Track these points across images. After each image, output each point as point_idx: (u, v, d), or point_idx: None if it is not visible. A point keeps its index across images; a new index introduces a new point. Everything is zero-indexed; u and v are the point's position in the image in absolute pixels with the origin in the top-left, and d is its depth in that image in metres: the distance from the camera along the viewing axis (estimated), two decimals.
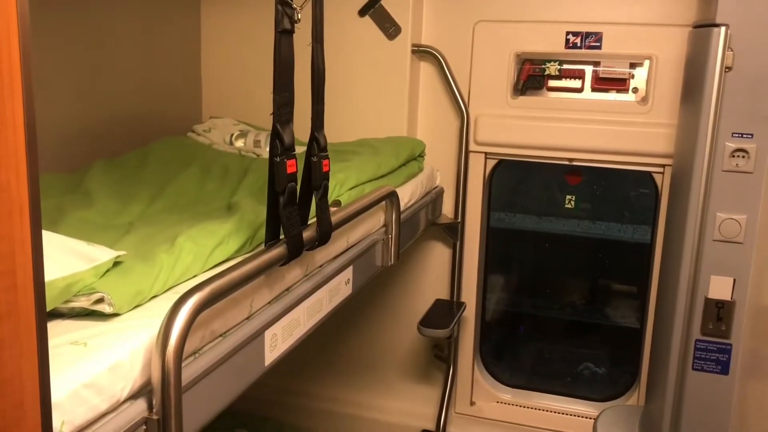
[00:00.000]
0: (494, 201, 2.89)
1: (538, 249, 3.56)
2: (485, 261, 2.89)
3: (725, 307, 1.99)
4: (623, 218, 3.29)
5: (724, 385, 2.03)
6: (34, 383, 0.79)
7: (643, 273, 2.70)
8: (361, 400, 3.03)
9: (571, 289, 3.52)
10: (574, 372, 3.23)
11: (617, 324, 3.30)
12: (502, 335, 3.37)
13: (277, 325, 1.42)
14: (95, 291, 1.12)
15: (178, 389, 1.03)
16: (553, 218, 3.41)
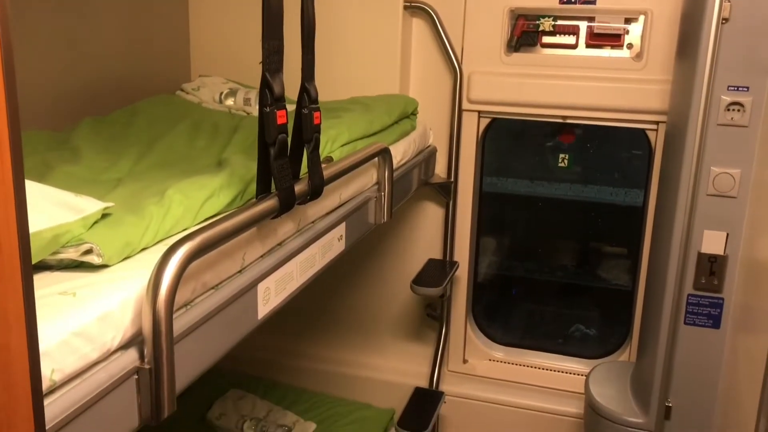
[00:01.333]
0: (487, 166, 2.87)
1: (531, 213, 3.56)
2: (478, 221, 2.88)
3: (718, 262, 2.00)
4: (615, 181, 3.29)
5: (715, 339, 2.04)
6: (21, 329, 0.77)
7: (635, 235, 2.70)
8: (354, 359, 3.04)
9: (563, 252, 3.53)
10: (565, 333, 3.25)
11: (609, 286, 3.32)
12: (494, 298, 3.39)
13: (270, 279, 1.41)
14: (84, 242, 1.10)
15: (169, 339, 1.02)
16: (546, 182, 3.40)
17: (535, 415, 2.77)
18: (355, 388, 2.98)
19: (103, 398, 0.96)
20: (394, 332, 3.00)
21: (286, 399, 2.87)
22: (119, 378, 0.99)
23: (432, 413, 2.57)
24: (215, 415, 2.70)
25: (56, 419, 0.87)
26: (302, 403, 2.84)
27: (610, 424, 2.21)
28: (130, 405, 1.01)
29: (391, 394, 2.89)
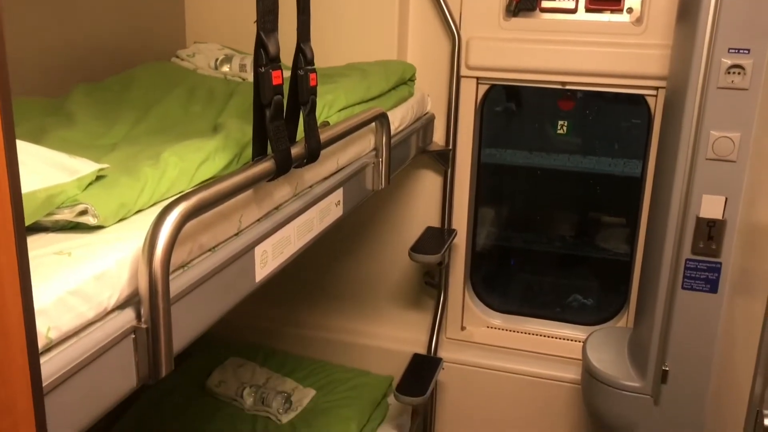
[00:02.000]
0: (485, 137, 2.86)
1: (529, 184, 3.55)
2: (476, 192, 2.87)
3: (716, 226, 1.99)
4: (614, 152, 3.28)
5: (712, 303, 2.05)
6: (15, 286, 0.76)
7: (633, 206, 2.70)
8: (353, 327, 3.05)
9: (561, 223, 3.53)
10: (563, 303, 3.26)
11: (607, 257, 3.32)
12: (492, 268, 3.39)
13: (267, 242, 1.41)
14: (78, 203, 1.10)
15: (166, 298, 1.02)
16: (544, 153, 3.39)
17: (533, 381, 2.79)
18: (353, 355, 2.99)
19: (100, 357, 0.96)
20: (392, 300, 3.01)
21: (285, 366, 2.88)
22: (116, 337, 0.98)
23: (430, 379, 2.59)
24: (215, 383, 2.72)
25: (53, 376, 0.87)
26: (301, 371, 2.86)
27: (607, 389, 2.23)
28: (127, 364, 1.02)
29: (389, 361, 2.90)
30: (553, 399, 2.77)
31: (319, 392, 2.72)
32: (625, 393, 2.19)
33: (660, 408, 2.16)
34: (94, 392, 0.96)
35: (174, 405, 2.61)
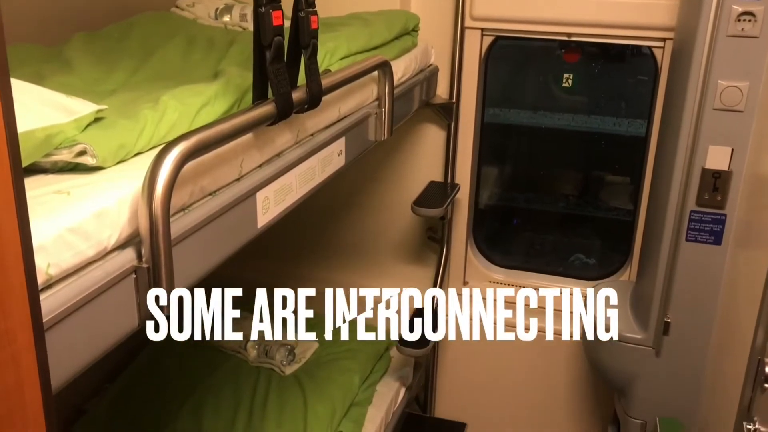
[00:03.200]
0: (489, 97, 2.82)
1: (533, 144, 3.52)
2: (479, 147, 2.85)
3: (722, 177, 1.97)
4: (619, 112, 3.23)
5: (716, 255, 2.04)
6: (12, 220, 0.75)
7: (637, 165, 2.68)
8: (355, 281, 3.04)
9: (564, 183, 3.51)
10: (565, 263, 3.25)
11: (610, 217, 3.31)
12: (495, 228, 3.38)
13: (269, 189, 1.40)
14: (77, 143, 1.08)
15: (167, 238, 1.01)
16: (548, 113, 3.35)
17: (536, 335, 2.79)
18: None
19: (101, 295, 0.95)
20: (395, 255, 3.01)
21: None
22: (117, 276, 0.98)
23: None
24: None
25: (53, 312, 0.87)
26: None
27: (609, 341, 2.23)
28: (129, 304, 1.01)
29: None
30: (556, 352, 2.79)
31: (323, 344, 2.74)
32: (627, 345, 2.20)
33: (661, 360, 2.17)
34: (95, 331, 0.96)
35: (177, 357, 2.63)
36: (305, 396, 2.40)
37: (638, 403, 2.23)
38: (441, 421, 2.88)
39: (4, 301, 0.72)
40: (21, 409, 0.71)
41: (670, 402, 2.18)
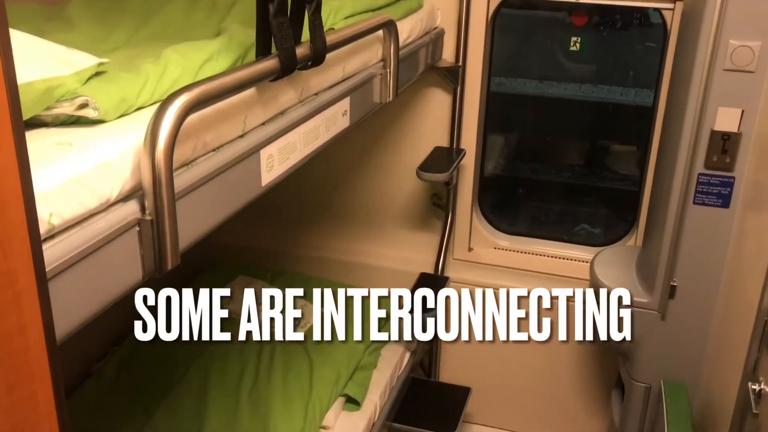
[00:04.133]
0: (495, 66, 2.79)
1: (539, 114, 3.49)
2: (485, 112, 2.82)
3: (731, 139, 1.95)
4: (626, 81, 3.20)
5: (723, 218, 2.02)
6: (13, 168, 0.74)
7: (644, 135, 2.65)
8: (361, 248, 3.06)
9: (571, 153, 3.48)
10: (570, 233, 3.23)
11: (615, 187, 3.29)
12: (500, 198, 3.36)
13: (273, 146, 1.39)
14: (78, 95, 1.07)
15: (170, 190, 1.00)
16: (554, 82, 3.31)
17: None
18: (361, 276, 3.00)
19: (105, 246, 0.95)
20: (400, 221, 3.00)
21: (294, 285, 2.89)
22: (120, 228, 0.97)
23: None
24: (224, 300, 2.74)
25: (56, 262, 0.87)
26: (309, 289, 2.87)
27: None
28: (133, 256, 1.01)
29: (396, 281, 2.90)
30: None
31: None
32: (632, 308, 2.19)
33: (666, 323, 2.16)
34: (99, 282, 0.96)
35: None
36: (310, 359, 2.41)
37: (643, 366, 2.23)
38: (445, 385, 2.89)
39: (6, 243, 0.71)
40: (24, 353, 0.71)
41: (674, 365, 2.18)
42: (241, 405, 2.23)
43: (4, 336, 0.68)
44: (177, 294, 1.97)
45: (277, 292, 2.81)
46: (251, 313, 2.44)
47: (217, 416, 2.18)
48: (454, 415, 2.66)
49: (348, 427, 2.25)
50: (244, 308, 2.40)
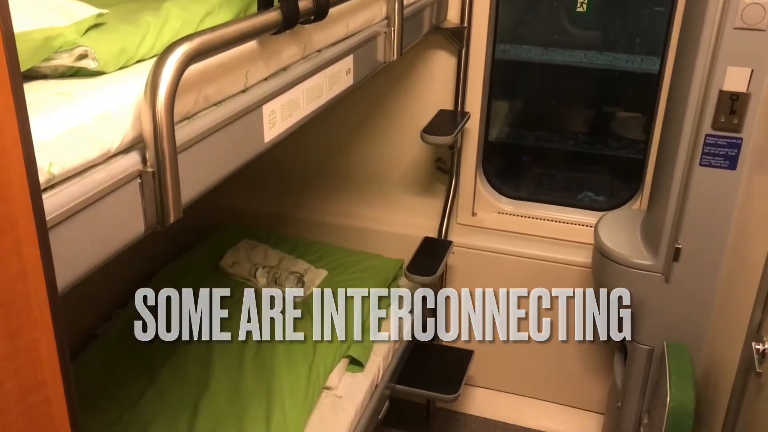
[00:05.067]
0: (500, 33, 2.74)
1: (543, 81, 3.44)
2: (491, 71, 2.79)
3: (739, 100, 1.92)
4: (632, 48, 3.15)
5: (730, 179, 2.01)
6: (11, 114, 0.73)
7: (650, 102, 2.62)
8: (364, 213, 3.05)
9: (575, 121, 3.45)
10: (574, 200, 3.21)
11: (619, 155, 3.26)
12: (504, 166, 3.33)
13: (276, 102, 1.37)
14: (78, 45, 1.05)
15: (171, 142, 0.99)
16: (560, 49, 3.26)
17: (543, 264, 2.79)
18: (364, 240, 3.00)
19: (106, 197, 0.94)
20: (403, 186, 2.99)
21: (297, 249, 2.90)
22: (121, 179, 0.96)
23: (440, 260, 2.61)
24: (228, 264, 2.75)
25: (57, 211, 0.86)
26: (313, 253, 2.88)
27: (619, 267, 2.23)
28: (134, 209, 1.00)
29: (400, 245, 2.91)
30: (563, 281, 2.78)
31: (331, 273, 2.75)
32: (637, 271, 2.19)
33: (671, 286, 2.16)
34: (101, 233, 0.95)
35: (188, 284, 2.64)
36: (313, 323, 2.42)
37: (646, 328, 2.24)
38: (448, 348, 2.90)
39: (4, 188, 0.70)
40: (25, 299, 0.70)
41: (678, 327, 2.19)
42: (245, 366, 2.24)
43: (5, 281, 0.68)
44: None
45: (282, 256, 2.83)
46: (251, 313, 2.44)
47: (221, 377, 2.20)
48: (456, 377, 2.68)
49: (352, 388, 2.26)
50: (244, 309, 2.41)
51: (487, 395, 3.04)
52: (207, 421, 2.04)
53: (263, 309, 2.51)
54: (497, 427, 2.94)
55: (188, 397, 2.13)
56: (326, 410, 2.16)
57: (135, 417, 2.06)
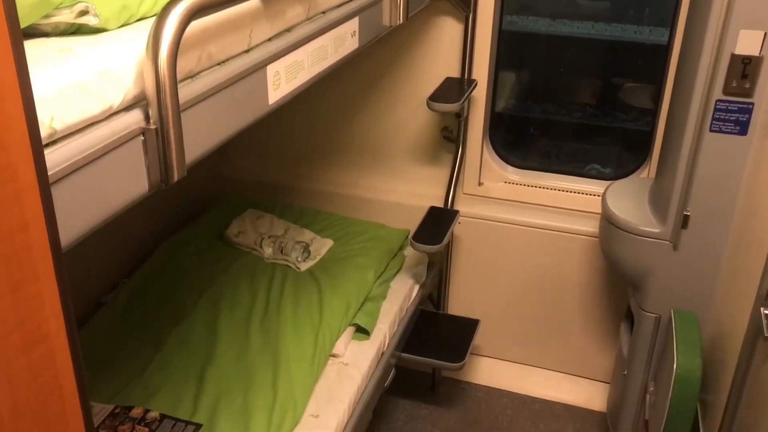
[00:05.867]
0: (506, 5, 2.70)
1: (551, 53, 3.39)
2: (498, 38, 2.75)
3: (752, 63, 1.89)
4: (640, 19, 3.09)
5: (740, 146, 1.98)
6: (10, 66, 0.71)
7: (658, 73, 2.59)
8: (369, 183, 3.04)
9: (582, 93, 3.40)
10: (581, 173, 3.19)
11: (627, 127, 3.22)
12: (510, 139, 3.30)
13: (280, 63, 1.35)
14: (78, 2, 1.03)
15: (174, 99, 0.98)
16: (567, 21, 3.21)
17: (549, 233, 2.78)
18: (370, 210, 2.99)
19: (109, 153, 0.93)
20: (409, 156, 2.97)
21: (303, 219, 2.90)
22: (124, 136, 0.95)
23: (447, 229, 2.59)
24: (234, 233, 2.74)
25: (59, 166, 0.85)
26: (318, 223, 2.87)
27: (626, 235, 2.21)
28: (138, 167, 0.99)
29: (405, 215, 2.90)
30: (570, 250, 2.78)
31: (337, 243, 2.75)
32: (644, 239, 2.18)
33: (678, 254, 2.14)
34: (105, 191, 0.94)
35: (193, 253, 2.65)
36: (320, 290, 2.42)
37: (653, 296, 2.23)
38: (454, 317, 2.91)
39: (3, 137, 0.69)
40: (27, 251, 0.69)
41: (685, 295, 2.17)
42: (251, 333, 2.25)
43: (6, 233, 0.67)
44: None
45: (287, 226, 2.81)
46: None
47: (227, 345, 2.20)
48: (462, 346, 2.68)
49: (358, 355, 2.27)
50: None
51: (493, 364, 3.05)
52: (213, 388, 2.05)
53: (269, 278, 2.52)
54: (503, 396, 2.95)
55: (194, 365, 2.13)
56: (333, 378, 2.16)
57: (141, 385, 2.07)
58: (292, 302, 2.37)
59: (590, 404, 2.90)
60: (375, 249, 2.69)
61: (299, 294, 2.41)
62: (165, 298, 2.41)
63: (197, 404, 1.99)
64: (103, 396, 2.02)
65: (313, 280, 2.50)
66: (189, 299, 2.39)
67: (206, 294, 2.41)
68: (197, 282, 2.48)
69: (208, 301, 2.38)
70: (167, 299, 2.41)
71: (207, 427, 1.91)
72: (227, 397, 2.02)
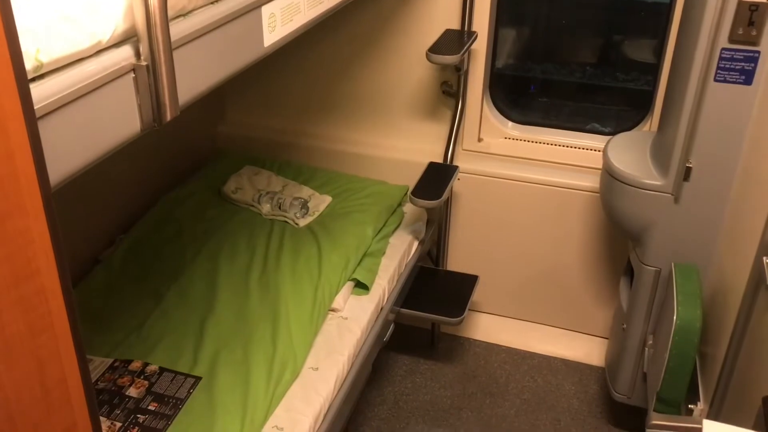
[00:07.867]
0: None
1: (551, 12, 3.32)
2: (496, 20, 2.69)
3: (759, 10, 1.84)
4: None
5: (745, 95, 1.95)
6: None
7: (659, 31, 2.54)
8: (368, 139, 3.00)
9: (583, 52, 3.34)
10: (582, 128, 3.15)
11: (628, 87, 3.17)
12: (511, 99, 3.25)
13: (275, 4, 1.31)
14: None
15: (166, 34, 0.94)
16: None
17: (549, 189, 2.76)
18: (368, 167, 2.96)
19: (98, 89, 0.90)
20: (408, 111, 2.93)
21: (301, 176, 2.87)
22: (114, 71, 0.92)
23: (446, 185, 2.57)
24: (231, 189, 2.72)
25: (46, 101, 0.82)
26: (317, 179, 2.85)
27: (627, 188, 2.19)
28: (129, 105, 0.96)
29: (405, 172, 2.87)
30: (570, 206, 2.76)
31: (336, 199, 2.72)
32: (646, 192, 2.16)
33: (680, 206, 2.13)
34: (95, 128, 0.91)
35: (191, 209, 2.62)
36: (319, 245, 2.41)
37: (654, 250, 2.21)
38: (453, 273, 2.90)
39: None
40: (13, 181, 0.67)
41: (686, 248, 2.16)
42: (251, 288, 2.24)
43: None
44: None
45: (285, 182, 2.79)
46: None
47: (227, 299, 2.20)
48: (461, 302, 2.68)
49: (357, 310, 2.26)
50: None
51: (492, 320, 3.05)
52: (213, 342, 2.04)
53: (268, 233, 2.51)
54: (502, 351, 2.96)
55: (194, 319, 2.13)
56: (332, 331, 2.16)
57: (140, 338, 2.07)
58: (291, 257, 2.36)
59: (589, 359, 2.91)
60: (374, 205, 2.67)
61: (298, 249, 2.40)
62: (163, 253, 2.40)
63: (197, 357, 1.99)
64: (101, 350, 2.02)
65: (312, 235, 2.48)
66: (187, 254, 2.38)
67: (205, 249, 2.40)
68: (195, 237, 2.46)
69: (207, 256, 2.37)
70: (165, 254, 2.39)
71: (206, 380, 1.92)
72: (227, 350, 2.01)
